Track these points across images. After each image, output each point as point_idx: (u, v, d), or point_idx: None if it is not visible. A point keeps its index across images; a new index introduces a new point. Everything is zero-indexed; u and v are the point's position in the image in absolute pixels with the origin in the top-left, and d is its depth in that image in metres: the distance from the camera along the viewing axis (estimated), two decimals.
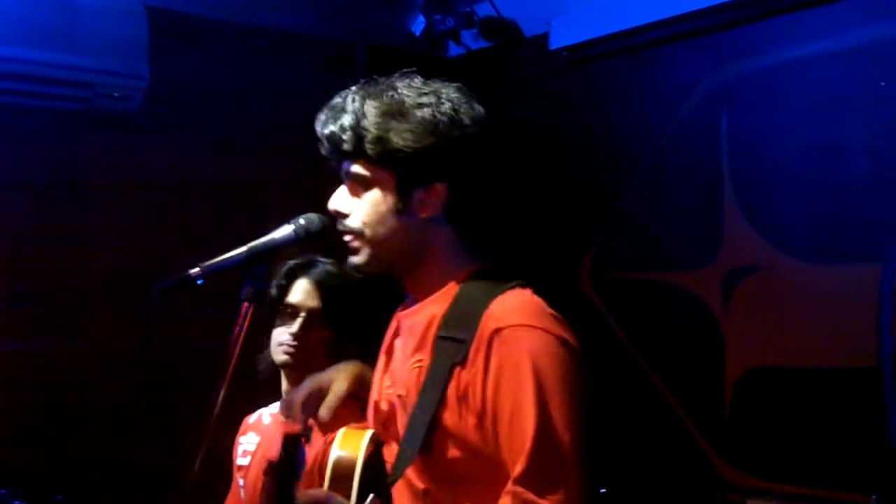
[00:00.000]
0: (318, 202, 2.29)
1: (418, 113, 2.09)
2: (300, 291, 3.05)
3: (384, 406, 2.26)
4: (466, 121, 2.12)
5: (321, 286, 3.04)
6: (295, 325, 3.03)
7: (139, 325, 3.50)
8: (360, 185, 2.14)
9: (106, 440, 4.20)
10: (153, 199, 4.46)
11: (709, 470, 3.90)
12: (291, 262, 3.12)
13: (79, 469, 4.04)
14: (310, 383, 2.36)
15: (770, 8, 3.76)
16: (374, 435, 2.29)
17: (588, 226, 4.41)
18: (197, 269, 2.14)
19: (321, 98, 2.23)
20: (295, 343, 3.02)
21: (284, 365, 3.06)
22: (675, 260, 4.08)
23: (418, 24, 4.62)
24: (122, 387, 4.27)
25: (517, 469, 1.96)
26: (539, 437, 1.95)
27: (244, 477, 3.09)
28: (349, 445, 2.27)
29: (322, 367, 2.88)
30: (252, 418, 3.27)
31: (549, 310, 2.10)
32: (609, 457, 4.04)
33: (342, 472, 2.22)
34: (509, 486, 1.98)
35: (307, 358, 3.00)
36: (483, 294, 2.09)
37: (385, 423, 2.24)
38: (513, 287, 2.13)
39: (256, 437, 3.20)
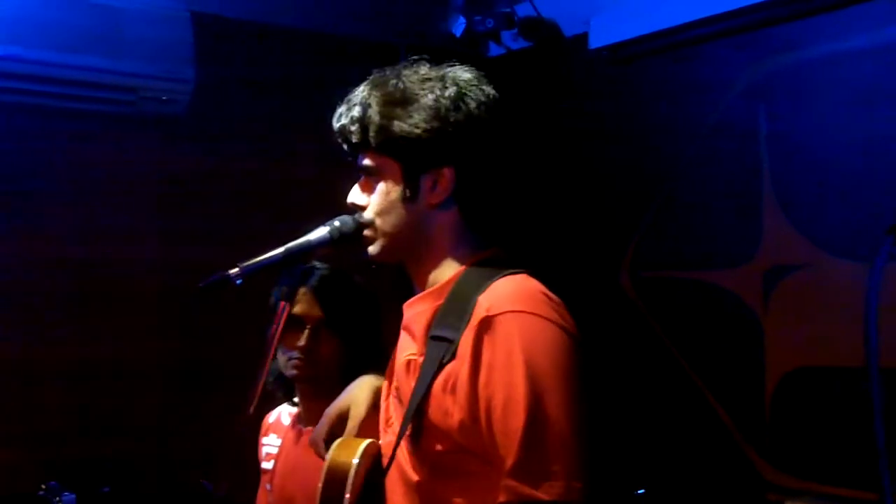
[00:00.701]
0: None
1: (421, 99, 2.08)
2: (302, 302, 2.97)
3: (387, 402, 2.28)
4: (472, 104, 2.09)
5: (321, 293, 2.97)
6: (302, 338, 2.98)
7: (181, 322, 3.60)
8: (371, 177, 2.16)
9: (150, 434, 4.29)
10: (197, 199, 4.55)
11: (748, 469, 3.88)
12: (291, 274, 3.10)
13: (124, 462, 4.11)
14: (329, 415, 2.38)
15: (808, 6, 3.74)
16: (370, 443, 2.29)
17: (627, 224, 4.40)
18: (236, 269, 2.15)
19: None
20: (303, 356, 2.98)
21: (296, 379, 3.04)
22: (714, 258, 4.07)
23: (458, 25, 4.65)
24: (165, 382, 4.38)
25: (510, 461, 1.92)
26: (531, 428, 1.90)
27: (270, 482, 3.08)
28: (344, 452, 2.28)
29: (333, 377, 2.90)
30: (272, 417, 3.27)
31: (545, 294, 2.04)
32: (648, 456, 4.10)
33: (335, 477, 2.23)
34: (503, 479, 1.93)
35: (318, 370, 2.99)
36: (476, 285, 2.06)
37: (388, 419, 2.24)
38: (507, 274, 2.08)
39: (278, 439, 3.19)
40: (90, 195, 4.37)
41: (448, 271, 2.14)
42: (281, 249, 2.20)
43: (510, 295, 2.01)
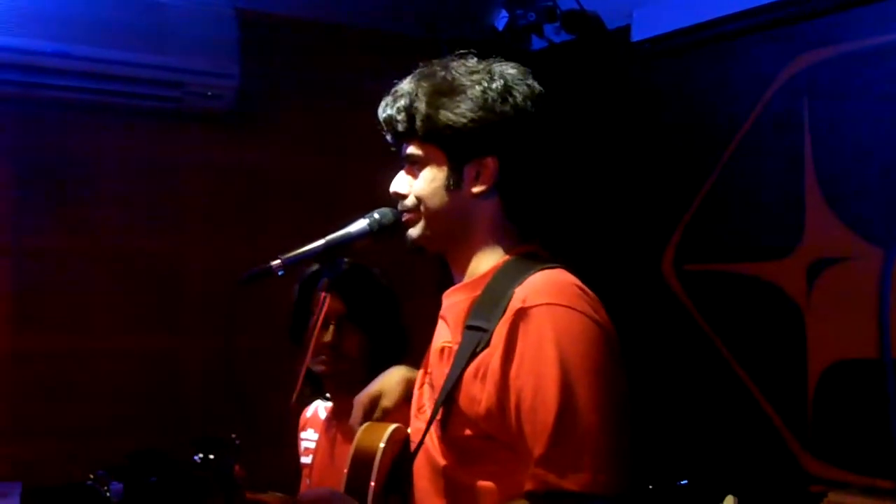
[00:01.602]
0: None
1: (468, 90, 2.13)
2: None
3: (420, 389, 2.32)
4: (519, 97, 2.14)
5: (342, 288, 2.98)
6: (328, 334, 3.00)
7: (227, 314, 3.66)
8: (415, 166, 2.21)
9: (195, 424, 4.34)
10: (242, 193, 4.64)
11: (791, 461, 3.88)
12: (307, 273, 3.10)
13: (171, 452, 4.19)
14: (362, 402, 2.44)
15: None
16: (397, 428, 2.35)
17: (670, 217, 4.40)
18: (278, 261, 2.22)
19: None
20: (331, 352, 3.01)
21: (324, 375, 3.07)
22: (757, 250, 4.06)
23: (501, 19, 4.65)
24: (210, 373, 4.44)
25: (538, 451, 1.95)
26: (562, 419, 1.93)
27: (309, 476, 3.12)
28: (370, 437, 2.34)
29: (360, 371, 2.95)
30: (309, 412, 3.31)
31: (580, 288, 2.07)
32: (691, 447, 4.11)
33: (362, 461, 2.29)
34: (531, 468, 1.96)
35: (346, 364, 3.02)
36: (513, 277, 2.09)
37: (421, 406, 2.28)
38: (544, 267, 2.11)
39: (315, 433, 3.23)
40: (136, 190, 4.47)
41: (487, 263, 2.18)
42: (321, 241, 2.27)
43: (546, 288, 2.05)
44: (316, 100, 4.79)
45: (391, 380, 2.45)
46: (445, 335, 2.22)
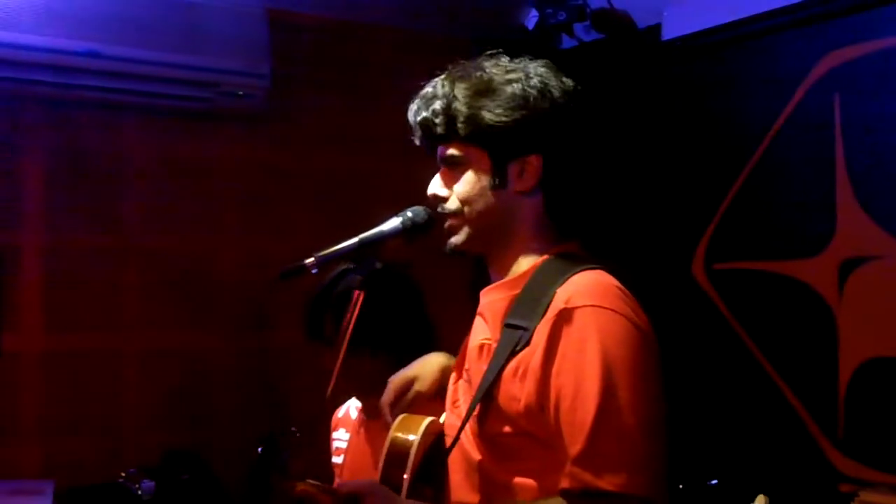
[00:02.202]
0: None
1: (507, 89, 2.16)
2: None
3: (455, 384, 2.35)
4: (556, 93, 2.17)
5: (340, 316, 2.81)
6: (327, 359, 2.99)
7: (259, 312, 3.70)
8: (456, 168, 2.21)
9: (227, 422, 4.42)
10: (274, 192, 4.70)
11: (822, 460, 3.88)
12: (314, 296, 3.05)
13: (202, 451, 4.23)
14: (395, 383, 2.48)
15: None
16: (432, 422, 2.37)
17: (700, 215, 4.40)
18: (311, 259, 2.24)
19: None
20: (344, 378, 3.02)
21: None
22: (788, 249, 4.05)
23: (531, 18, 4.65)
24: (242, 372, 4.53)
25: (575, 449, 1.97)
26: (600, 419, 1.95)
27: (341, 476, 3.13)
28: (406, 428, 2.36)
29: (391, 372, 2.97)
30: (341, 412, 3.30)
31: (621, 290, 2.09)
32: (722, 447, 4.12)
33: (398, 452, 2.31)
34: (568, 466, 1.99)
35: (363, 385, 3.00)
36: (554, 277, 2.12)
37: (455, 400, 2.31)
38: (585, 269, 2.13)
39: (346, 433, 3.23)
40: (167, 189, 4.53)
41: (527, 261, 2.21)
42: (355, 240, 2.29)
43: (589, 289, 2.07)
44: (345, 99, 4.85)
45: (428, 366, 2.48)
46: (484, 332, 2.25)
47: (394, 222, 2.31)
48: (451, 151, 2.21)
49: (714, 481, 3.68)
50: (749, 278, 4.22)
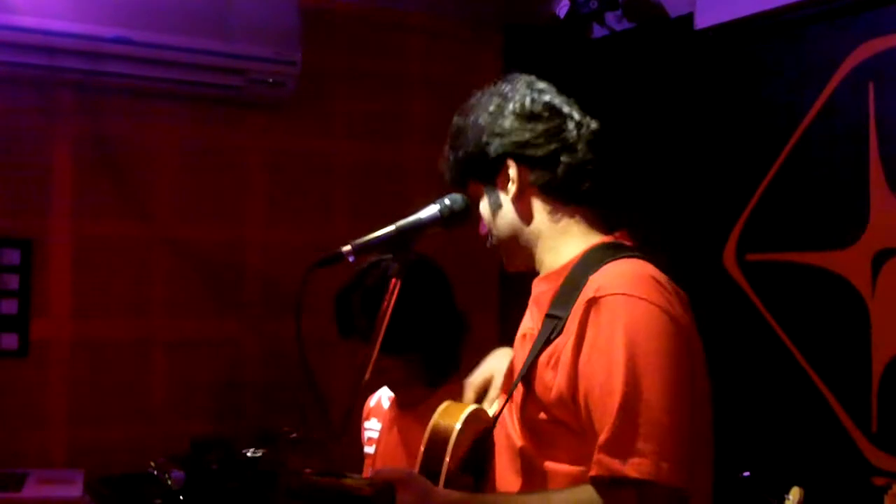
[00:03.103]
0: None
1: (469, 124, 2.36)
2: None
3: (506, 373, 2.42)
4: (509, 107, 2.31)
5: (369, 312, 2.79)
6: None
7: (291, 300, 3.71)
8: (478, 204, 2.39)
9: (256, 414, 4.46)
10: (303, 181, 4.76)
11: (855, 453, 3.89)
12: (341, 291, 3.08)
13: (233, 441, 4.28)
14: (474, 384, 2.53)
15: None
16: (476, 409, 2.41)
17: (732, 206, 4.42)
18: (348, 247, 2.27)
19: (465, 82, 2.44)
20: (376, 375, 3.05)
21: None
22: (821, 240, 4.07)
23: (562, 7, 4.67)
24: (270, 361, 4.58)
25: (602, 437, 2.02)
26: (626, 407, 1.99)
27: (372, 466, 3.16)
28: (449, 416, 2.39)
29: (422, 364, 3.01)
30: (372, 401, 3.34)
31: (655, 279, 2.12)
32: (754, 439, 4.14)
33: (438, 439, 2.34)
34: (595, 453, 2.03)
35: (386, 378, 3.04)
36: (591, 266, 2.17)
37: (508, 389, 2.35)
38: (622, 257, 2.19)
39: (378, 423, 3.26)
40: (197, 177, 4.59)
41: (567, 254, 2.28)
42: (392, 227, 2.32)
43: (620, 277, 2.11)
44: (376, 87, 4.91)
45: (501, 361, 2.52)
46: (529, 322, 2.33)
47: (431, 209, 2.35)
48: (469, 192, 2.39)
49: (746, 473, 3.70)
50: (781, 269, 4.23)
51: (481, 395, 2.51)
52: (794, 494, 3.25)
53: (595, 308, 2.08)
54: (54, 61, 4.13)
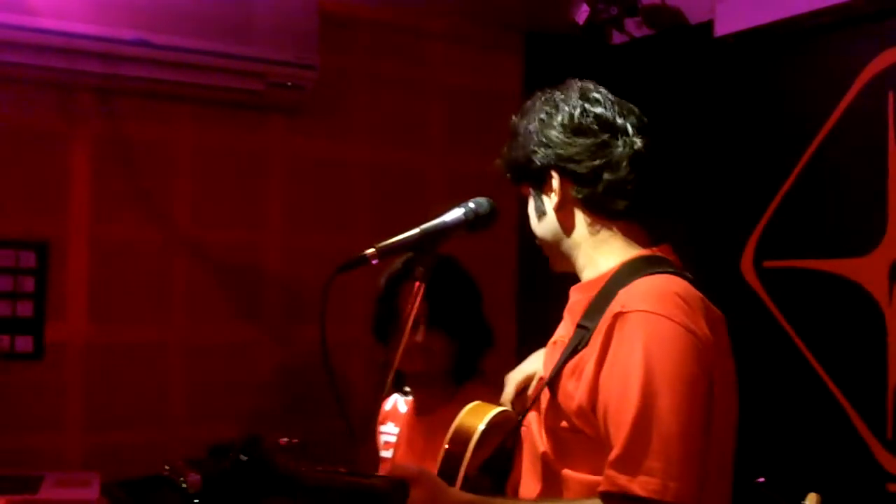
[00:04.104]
0: (482, 189, 2.55)
1: (521, 129, 2.42)
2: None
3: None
4: (557, 118, 2.37)
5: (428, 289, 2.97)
6: (418, 334, 3.13)
7: (309, 305, 3.77)
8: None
9: (274, 417, 4.50)
10: (321, 184, 4.81)
11: (870, 460, 3.95)
12: (390, 273, 3.24)
13: (250, 443, 4.32)
14: (515, 380, 2.61)
15: None
16: (502, 411, 2.49)
17: (750, 213, 4.47)
18: (372, 250, 2.31)
19: (485, 89, 2.52)
20: (423, 353, 3.14)
21: (414, 372, 3.21)
22: (838, 247, 4.12)
23: (581, 13, 4.74)
24: (289, 365, 4.63)
25: (613, 453, 2.07)
26: (639, 423, 2.04)
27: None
28: (475, 415, 2.48)
29: (448, 367, 3.14)
30: (388, 405, 3.42)
31: (680, 297, 2.16)
32: (770, 445, 4.19)
33: (460, 440, 2.43)
34: (605, 469, 2.08)
35: (436, 362, 3.17)
36: (624, 280, 2.23)
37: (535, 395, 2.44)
38: (653, 272, 2.24)
39: (396, 427, 3.35)
40: (216, 181, 4.62)
41: (606, 265, 2.34)
42: (416, 230, 2.37)
43: (644, 294, 2.17)
44: (396, 92, 4.96)
45: (542, 359, 2.57)
46: (562, 330, 2.41)
47: (456, 213, 2.40)
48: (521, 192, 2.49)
49: (762, 479, 3.76)
50: (798, 277, 4.28)
51: (522, 392, 2.57)
52: (811, 501, 3.31)
53: (619, 323, 2.14)
54: (73, 64, 4.15)
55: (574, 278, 2.44)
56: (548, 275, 2.57)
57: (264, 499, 2.05)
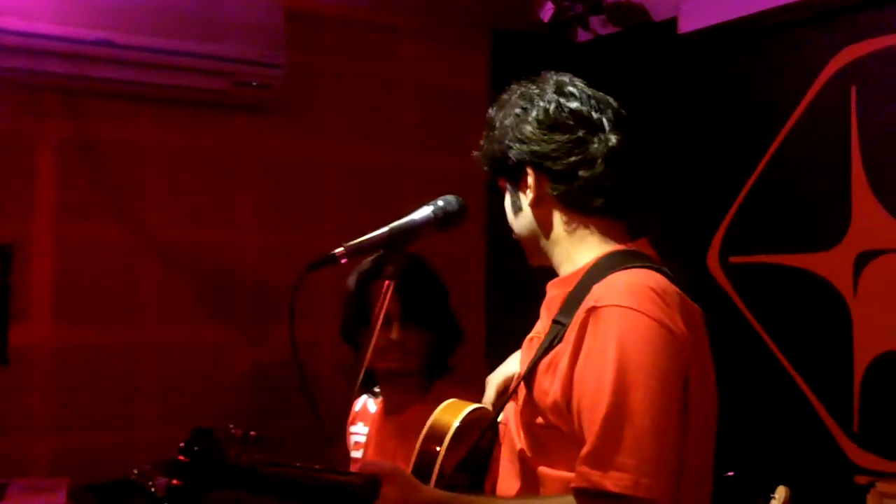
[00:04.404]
0: (451, 186, 2.54)
1: (497, 123, 2.38)
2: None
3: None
4: (533, 113, 2.32)
5: (400, 286, 2.87)
6: (393, 331, 3.09)
7: (280, 305, 3.72)
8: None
9: (246, 420, 4.48)
10: (289, 183, 4.78)
11: (837, 452, 3.98)
12: (361, 268, 3.19)
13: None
14: (496, 383, 2.58)
15: None
16: (477, 408, 2.48)
17: (715, 208, 4.49)
18: (341, 249, 2.29)
19: (453, 85, 2.49)
20: (398, 350, 3.10)
21: (388, 371, 3.16)
22: (803, 242, 4.15)
23: (547, 11, 4.77)
24: (260, 367, 4.60)
25: (585, 448, 2.03)
26: (611, 419, 2.01)
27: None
28: (450, 412, 2.46)
29: (420, 367, 3.12)
30: (357, 405, 3.39)
31: (655, 291, 2.12)
32: (737, 439, 4.21)
33: (434, 436, 2.41)
34: (577, 464, 2.04)
35: (412, 362, 3.14)
36: (600, 275, 2.19)
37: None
38: (628, 267, 2.19)
39: (365, 427, 3.31)
40: (183, 180, 4.58)
41: (582, 259, 2.30)
42: (385, 229, 2.34)
43: (619, 289, 2.13)
44: (363, 91, 4.93)
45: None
46: (539, 326, 2.37)
47: (425, 211, 2.37)
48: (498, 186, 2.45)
49: (731, 473, 3.78)
50: (764, 271, 4.31)
51: (502, 393, 2.54)
52: (781, 493, 3.32)
53: (593, 318, 2.10)
54: (38, 64, 4.11)
55: (547, 275, 2.42)
56: (517, 272, 2.58)
57: (215, 491, 2.00)
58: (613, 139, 2.31)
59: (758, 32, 4.39)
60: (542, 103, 2.33)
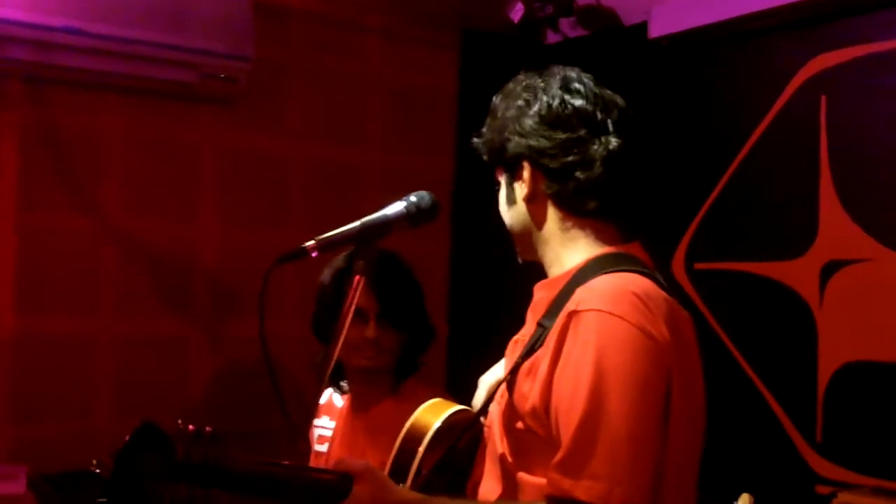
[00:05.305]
0: (417, 185, 2.44)
1: (499, 112, 2.31)
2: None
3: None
4: (535, 107, 2.24)
5: (375, 283, 3.01)
6: (369, 329, 3.05)
7: (241, 299, 3.65)
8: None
9: (204, 414, 4.39)
10: (254, 176, 4.72)
11: (800, 462, 3.95)
12: (336, 264, 3.15)
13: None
14: (488, 385, 2.51)
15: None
16: (459, 410, 2.42)
17: (682, 214, 4.46)
18: (312, 243, 2.25)
19: (422, 84, 2.42)
20: (373, 348, 3.06)
21: (361, 368, 3.11)
22: (770, 250, 4.12)
23: (517, 11, 4.71)
24: (220, 362, 4.54)
25: (558, 455, 1.97)
26: (585, 426, 1.94)
27: (325, 464, 3.10)
28: (431, 412, 2.41)
29: (393, 365, 3.08)
30: (322, 399, 3.33)
31: (637, 296, 2.04)
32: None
33: (413, 436, 2.36)
34: (549, 471, 1.99)
35: (386, 359, 3.10)
36: (585, 277, 2.13)
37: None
38: (614, 270, 2.13)
39: (331, 421, 3.27)
40: (147, 172, 4.51)
41: (571, 261, 2.23)
42: (357, 223, 2.29)
43: (600, 293, 2.06)
44: (332, 87, 4.87)
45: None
46: (524, 329, 2.30)
47: (398, 206, 2.33)
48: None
49: None
50: (730, 279, 4.28)
51: (493, 395, 2.44)
52: (744, 501, 3.28)
53: (574, 322, 2.04)
54: (2, 51, 4.04)
55: (515, 277, 2.42)
56: (481, 273, 2.50)
57: (159, 487, 1.89)
58: (614, 142, 2.24)
59: (728, 39, 4.35)
60: (545, 98, 2.26)
